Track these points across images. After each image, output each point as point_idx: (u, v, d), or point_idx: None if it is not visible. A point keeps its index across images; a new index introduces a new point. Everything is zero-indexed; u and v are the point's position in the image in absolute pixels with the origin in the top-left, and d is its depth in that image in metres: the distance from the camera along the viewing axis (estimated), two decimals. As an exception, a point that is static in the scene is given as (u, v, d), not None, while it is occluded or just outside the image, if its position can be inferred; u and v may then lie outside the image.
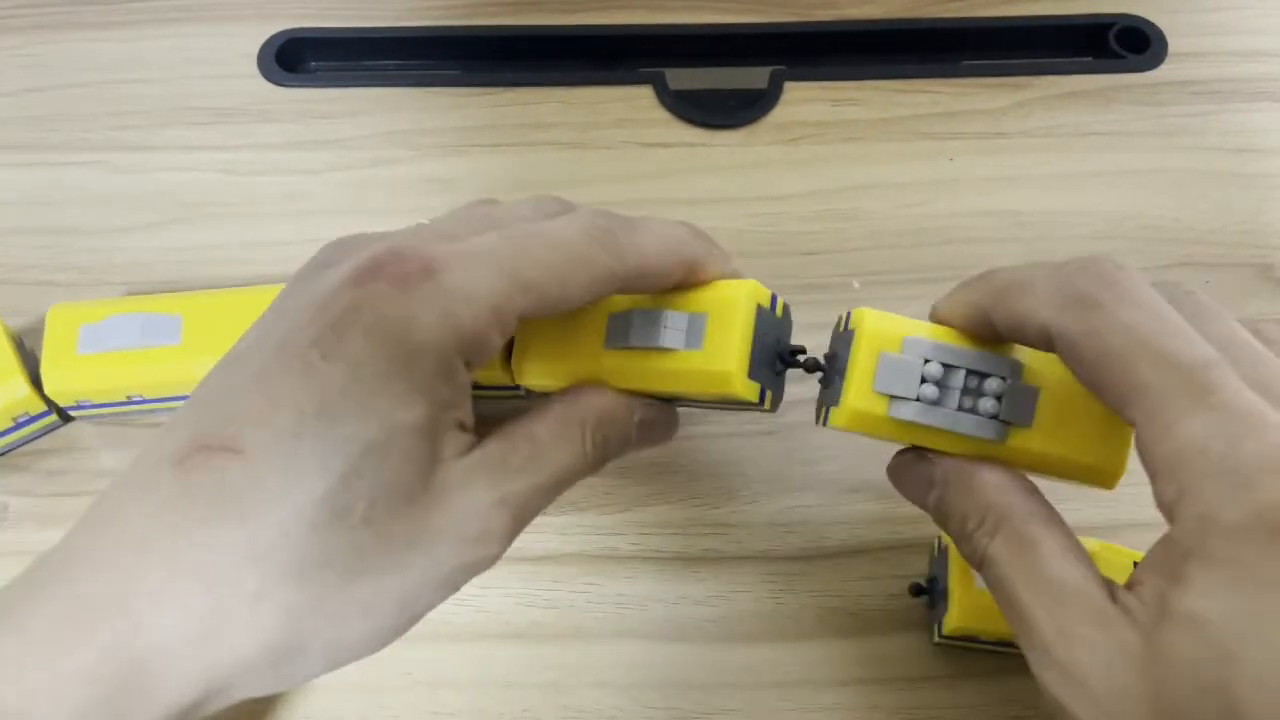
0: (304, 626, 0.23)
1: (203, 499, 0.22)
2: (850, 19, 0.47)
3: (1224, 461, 0.21)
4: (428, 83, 0.44)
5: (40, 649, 0.21)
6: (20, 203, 0.41)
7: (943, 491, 0.26)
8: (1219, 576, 0.21)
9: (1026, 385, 0.25)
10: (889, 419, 0.25)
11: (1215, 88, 0.44)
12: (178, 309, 0.35)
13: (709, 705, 0.31)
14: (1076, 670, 0.22)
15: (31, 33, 0.46)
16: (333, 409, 0.23)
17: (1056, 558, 0.23)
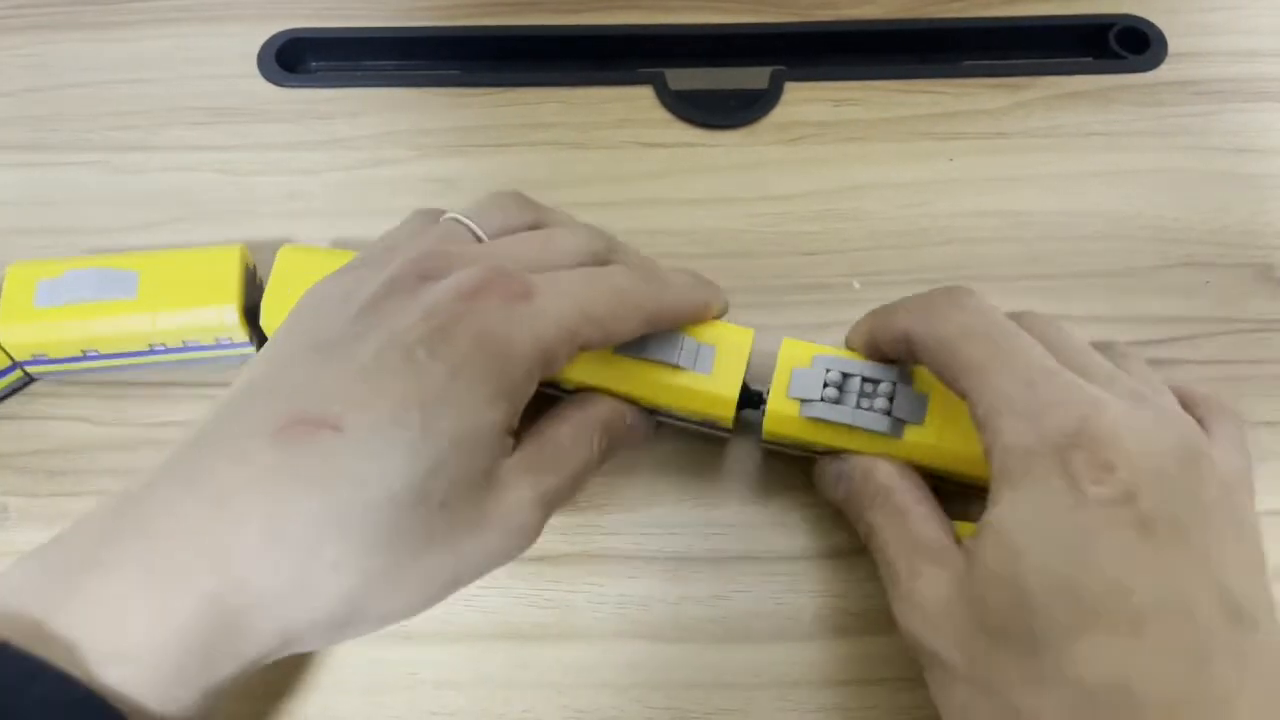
0: (371, 594, 0.25)
1: (300, 468, 0.24)
2: (850, 19, 0.47)
3: (1021, 403, 0.26)
4: (428, 83, 0.44)
5: (143, 594, 0.23)
6: (20, 203, 0.41)
7: (848, 482, 0.31)
8: (1015, 491, 0.26)
9: (917, 391, 0.31)
10: (801, 418, 0.31)
11: (1215, 88, 0.44)
12: (135, 266, 0.35)
13: (709, 705, 0.31)
14: (917, 597, 0.27)
15: (31, 33, 0.46)
16: (432, 403, 0.25)
17: (920, 521, 0.29)
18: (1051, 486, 0.25)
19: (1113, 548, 0.24)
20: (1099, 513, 0.24)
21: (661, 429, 0.34)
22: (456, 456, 0.25)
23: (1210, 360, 0.37)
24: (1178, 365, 0.37)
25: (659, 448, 0.35)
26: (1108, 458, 0.25)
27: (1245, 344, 0.38)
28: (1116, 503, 0.24)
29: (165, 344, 0.35)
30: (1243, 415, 0.36)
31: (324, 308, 0.28)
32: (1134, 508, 0.24)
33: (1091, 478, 0.25)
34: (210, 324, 0.35)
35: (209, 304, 0.35)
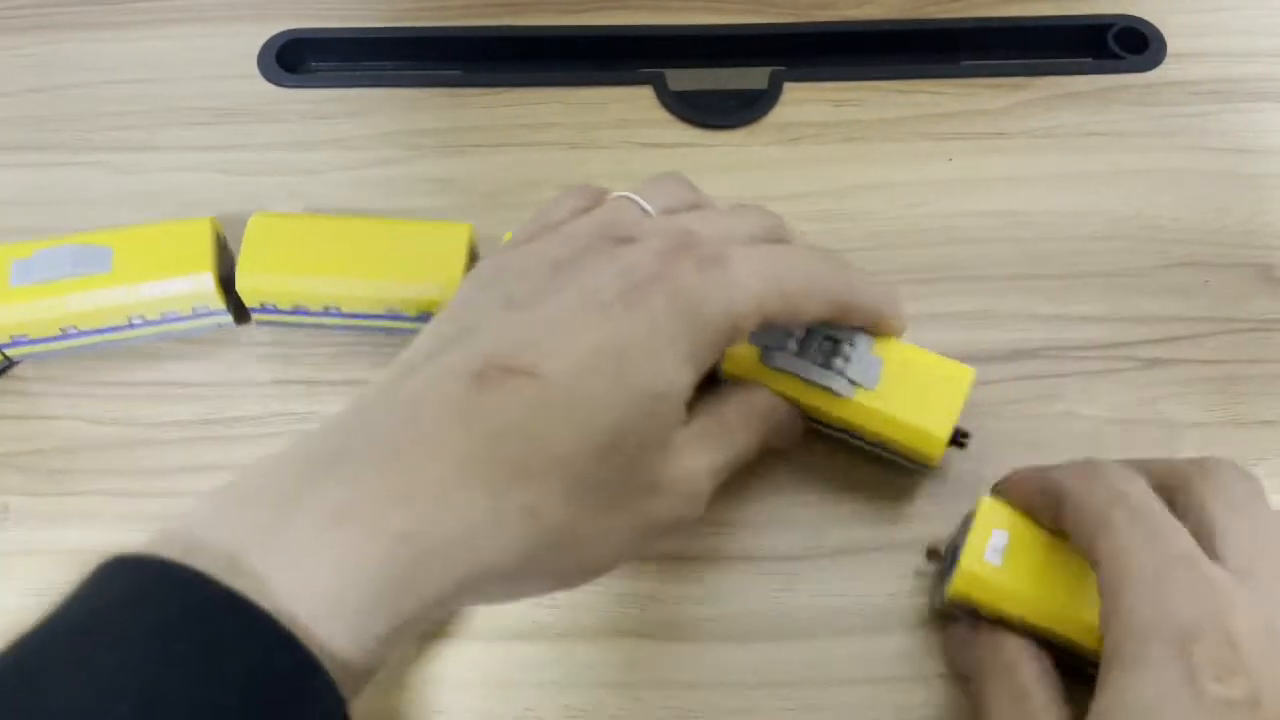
0: (554, 545, 0.25)
1: (496, 412, 0.25)
2: (850, 19, 0.47)
3: (1151, 582, 0.25)
4: (428, 83, 0.44)
5: (335, 532, 0.23)
6: (20, 203, 0.41)
7: (978, 650, 0.30)
8: (1126, 676, 0.24)
9: (873, 356, 0.32)
10: (761, 365, 0.32)
11: (1214, 88, 0.44)
12: (108, 242, 0.36)
13: (709, 705, 0.31)
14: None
15: (31, 33, 0.46)
16: (627, 355, 0.26)
17: (1040, 708, 0.28)
18: (1167, 676, 0.24)
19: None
20: (1219, 711, 0.23)
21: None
22: (647, 410, 0.26)
23: (1210, 360, 0.37)
24: (1178, 365, 0.37)
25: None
26: (1232, 659, 0.23)
27: (1245, 344, 0.38)
28: (1237, 705, 0.23)
29: (144, 316, 0.36)
30: (1245, 418, 0.36)
31: (509, 270, 0.29)
32: (1258, 711, 0.23)
33: (1213, 674, 0.23)
34: (187, 293, 0.35)
35: (185, 273, 0.35)
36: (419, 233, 0.36)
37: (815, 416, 0.33)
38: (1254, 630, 0.24)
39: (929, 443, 0.32)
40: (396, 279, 0.35)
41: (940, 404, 0.32)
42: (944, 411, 0.32)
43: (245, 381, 0.37)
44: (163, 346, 0.37)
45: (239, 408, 0.36)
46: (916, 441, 0.32)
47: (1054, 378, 0.37)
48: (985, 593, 0.29)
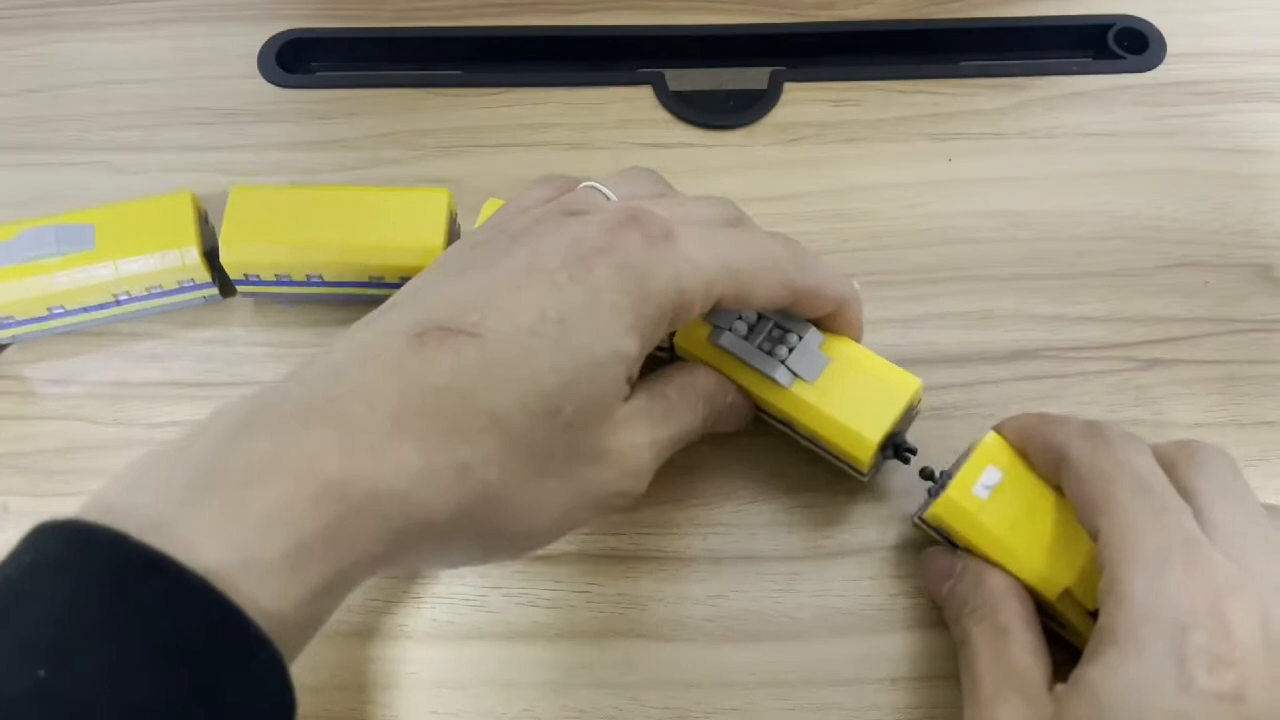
0: (490, 504, 0.25)
1: (434, 370, 0.24)
2: (850, 19, 0.47)
3: (1155, 562, 0.25)
4: (428, 83, 0.44)
5: (264, 482, 0.22)
6: (20, 203, 0.41)
7: (956, 581, 0.30)
8: (1118, 653, 0.25)
9: (820, 352, 0.32)
10: (708, 343, 0.32)
11: (1214, 88, 0.44)
12: (90, 220, 0.36)
13: (709, 705, 0.31)
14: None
15: (31, 33, 0.46)
16: (570, 321, 0.26)
17: (1020, 647, 0.28)
18: (1159, 661, 0.24)
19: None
20: (1204, 704, 0.23)
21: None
22: (588, 378, 0.26)
23: (1210, 360, 0.37)
24: (1177, 365, 0.37)
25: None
26: (1226, 650, 0.24)
27: (1245, 344, 0.38)
28: (1223, 698, 0.23)
29: (130, 293, 0.36)
30: (1245, 418, 0.36)
31: (467, 243, 0.29)
32: (1242, 706, 0.23)
33: (1204, 665, 0.23)
34: (173, 267, 0.36)
35: (170, 247, 0.36)
36: (399, 200, 0.37)
37: (758, 404, 0.33)
38: (1250, 620, 0.24)
39: (858, 445, 0.31)
40: (378, 246, 0.36)
41: (877, 409, 0.31)
42: (879, 416, 0.31)
43: (243, 381, 0.37)
44: (163, 346, 0.37)
45: (239, 408, 0.36)
46: (846, 442, 0.31)
47: (1054, 378, 0.37)
48: (963, 524, 0.30)
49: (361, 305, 0.37)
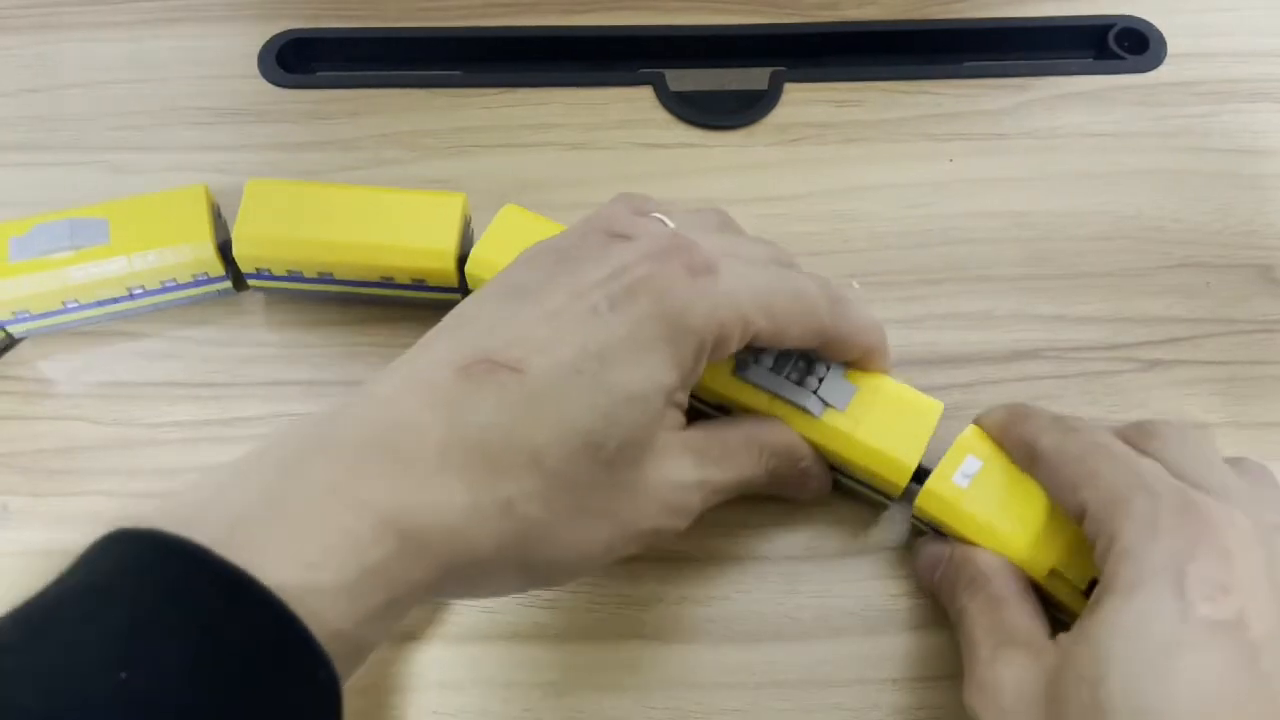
0: (533, 540, 0.25)
1: (479, 406, 0.25)
2: (850, 20, 0.47)
3: (1144, 511, 0.26)
4: (428, 83, 0.44)
5: (326, 509, 0.23)
6: (20, 203, 0.41)
7: (946, 566, 0.31)
8: (1121, 599, 0.25)
9: (846, 381, 0.32)
10: (734, 377, 0.32)
11: (1215, 88, 0.44)
12: (104, 214, 0.36)
13: (709, 705, 0.31)
14: (996, 683, 0.27)
15: (31, 33, 0.46)
16: (609, 356, 0.26)
17: (1016, 612, 0.28)
18: (1159, 596, 0.24)
19: (1210, 669, 0.23)
20: (1203, 632, 0.23)
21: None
22: (628, 412, 0.26)
23: (1210, 361, 0.37)
24: (1179, 366, 0.37)
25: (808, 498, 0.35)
26: (1225, 578, 0.24)
27: (1245, 344, 0.37)
28: (1225, 626, 0.23)
29: (144, 286, 0.36)
30: (1246, 419, 0.36)
31: (522, 262, 0.29)
32: (1244, 633, 0.23)
33: (1203, 594, 0.24)
34: (187, 260, 0.36)
35: (184, 240, 0.36)
36: (414, 202, 0.37)
37: None
38: (1249, 549, 0.25)
39: (896, 471, 0.31)
40: (391, 246, 0.36)
41: (909, 433, 0.31)
42: (912, 441, 0.31)
43: (245, 382, 0.37)
44: (162, 347, 0.37)
45: (239, 408, 0.36)
46: (884, 469, 0.31)
47: (1055, 379, 0.37)
48: (946, 513, 0.31)
49: (369, 305, 0.37)
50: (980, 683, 0.27)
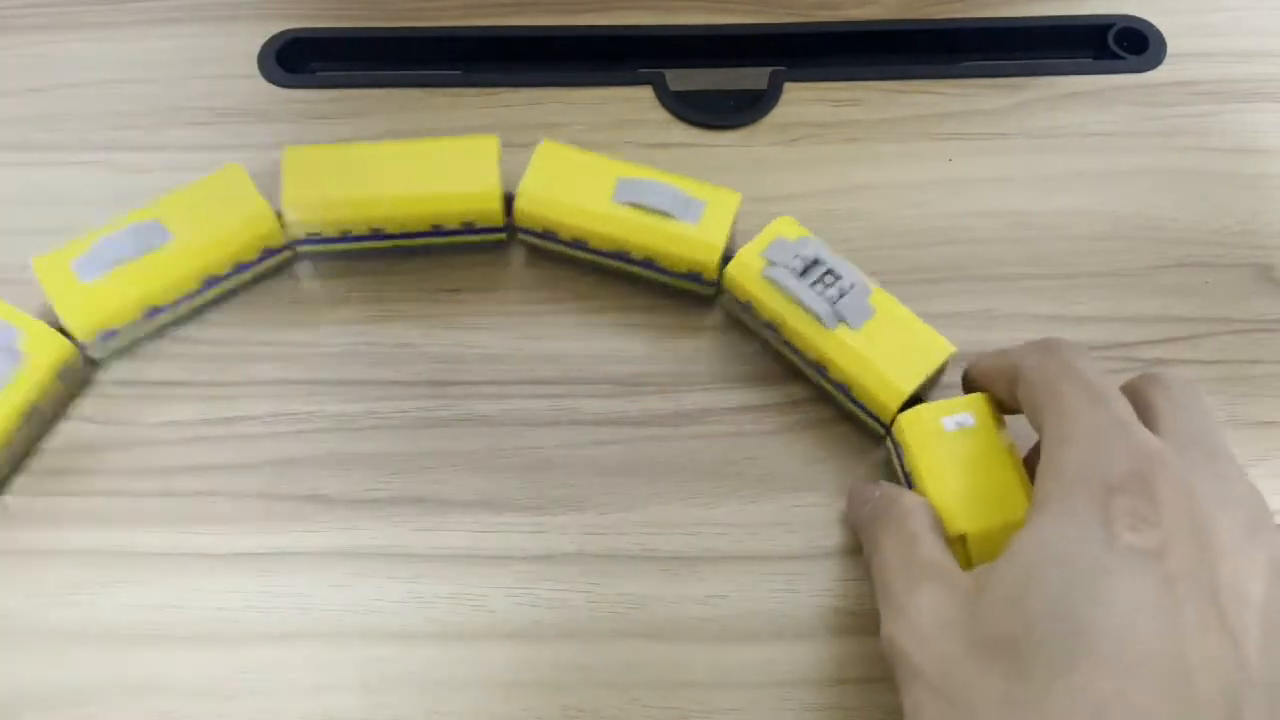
0: None
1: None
2: (850, 19, 0.47)
3: (1087, 440, 0.26)
4: (428, 83, 0.44)
5: None
6: (20, 203, 0.41)
7: (873, 504, 0.32)
8: (1046, 518, 0.26)
9: (869, 304, 0.34)
10: (761, 276, 0.35)
11: (1215, 88, 0.44)
12: (153, 214, 0.36)
13: (709, 705, 0.31)
14: (912, 611, 0.27)
15: (31, 33, 0.46)
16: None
17: (929, 547, 0.29)
18: (1084, 520, 0.25)
19: (1128, 593, 0.24)
20: (1124, 558, 0.24)
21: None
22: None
23: (1209, 360, 0.37)
24: (1176, 365, 0.37)
25: (657, 447, 0.35)
26: (1149, 511, 0.25)
27: (1244, 344, 0.38)
28: (1145, 554, 0.24)
29: (216, 274, 0.36)
30: (1245, 418, 0.36)
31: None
32: (1161, 564, 0.24)
33: (1127, 524, 0.24)
34: (252, 238, 0.36)
35: (243, 218, 0.36)
36: (449, 149, 0.38)
37: (793, 343, 0.35)
38: (1174, 489, 0.25)
39: (889, 393, 0.33)
40: (438, 193, 0.37)
41: (913, 363, 0.33)
42: (914, 370, 0.33)
43: (245, 381, 0.37)
44: (162, 346, 0.37)
45: (239, 408, 0.36)
46: (878, 389, 0.33)
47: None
48: (918, 439, 0.32)
49: (417, 256, 0.39)
50: (898, 609, 0.28)
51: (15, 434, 0.33)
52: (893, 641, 0.27)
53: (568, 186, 0.37)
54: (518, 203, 0.37)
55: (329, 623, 0.32)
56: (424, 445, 0.35)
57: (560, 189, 0.37)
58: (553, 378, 0.37)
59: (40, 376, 0.33)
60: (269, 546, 0.33)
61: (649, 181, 0.37)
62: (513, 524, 0.34)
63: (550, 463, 0.35)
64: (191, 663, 0.31)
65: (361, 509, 0.34)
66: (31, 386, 0.33)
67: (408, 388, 0.37)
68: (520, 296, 0.39)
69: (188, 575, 0.33)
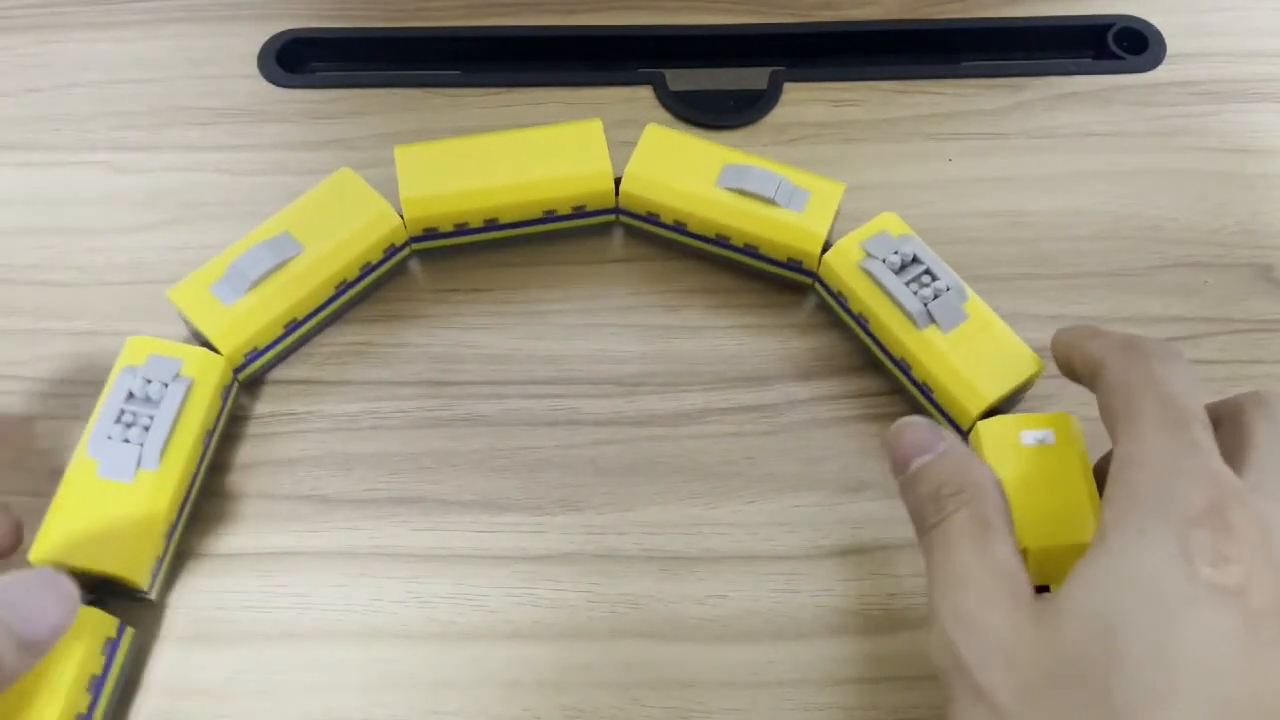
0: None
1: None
2: (850, 20, 0.47)
3: (1164, 467, 0.25)
4: (428, 83, 0.44)
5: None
6: (20, 203, 0.41)
7: (937, 458, 0.29)
8: (1123, 544, 0.25)
9: (962, 309, 0.34)
10: (858, 267, 0.35)
11: (1214, 88, 0.44)
12: (279, 227, 0.36)
13: (709, 705, 0.31)
14: (985, 628, 0.25)
15: (31, 33, 0.46)
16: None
17: (1004, 545, 0.27)
18: (1163, 553, 0.24)
19: (1213, 631, 0.23)
20: (1206, 594, 0.23)
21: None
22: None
23: (1209, 360, 0.37)
24: (1177, 365, 0.37)
25: (658, 447, 0.35)
26: (1229, 549, 0.24)
27: (1244, 344, 0.38)
28: (1227, 591, 0.23)
29: (347, 278, 0.37)
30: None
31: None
32: (1244, 600, 0.23)
33: (1207, 559, 0.24)
34: (378, 238, 0.37)
35: (368, 220, 0.37)
36: (555, 136, 0.38)
37: (880, 338, 0.35)
38: (1251, 524, 0.24)
39: (972, 400, 0.33)
40: (551, 179, 0.37)
41: (999, 373, 0.33)
42: (999, 380, 0.33)
43: (243, 381, 0.37)
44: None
45: (238, 407, 0.36)
46: (962, 395, 0.33)
47: (1053, 378, 0.37)
48: (993, 454, 0.31)
49: (526, 245, 0.39)
50: (966, 617, 0.25)
51: (200, 458, 0.33)
52: (954, 651, 0.25)
53: (673, 170, 0.38)
54: (624, 185, 0.38)
55: (329, 623, 0.32)
56: (423, 445, 0.35)
57: (665, 172, 0.38)
58: (552, 378, 0.37)
59: (210, 398, 0.33)
60: (269, 546, 0.33)
61: (755, 168, 0.37)
62: (513, 524, 0.34)
63: (550, 463, 0.35)
64: (191, 662, 0.31)
65: (361, 509, 0.34)
66: (206, 408, 0.33)
67: (408, 388, 0.37)
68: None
69: (187, 575, 0.33)
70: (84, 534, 0.31)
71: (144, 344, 0.34)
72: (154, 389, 0.33)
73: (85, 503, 0.31)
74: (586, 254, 0.40)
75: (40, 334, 0.37)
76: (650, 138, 0.38)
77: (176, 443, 0.32)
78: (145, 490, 0.31)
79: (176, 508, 0.32)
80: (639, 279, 0.39)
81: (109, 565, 0.30)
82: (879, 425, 0.36)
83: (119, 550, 0.30)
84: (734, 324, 0.38)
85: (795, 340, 0.38)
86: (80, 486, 0.31)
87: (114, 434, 0.32)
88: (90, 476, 0.31)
